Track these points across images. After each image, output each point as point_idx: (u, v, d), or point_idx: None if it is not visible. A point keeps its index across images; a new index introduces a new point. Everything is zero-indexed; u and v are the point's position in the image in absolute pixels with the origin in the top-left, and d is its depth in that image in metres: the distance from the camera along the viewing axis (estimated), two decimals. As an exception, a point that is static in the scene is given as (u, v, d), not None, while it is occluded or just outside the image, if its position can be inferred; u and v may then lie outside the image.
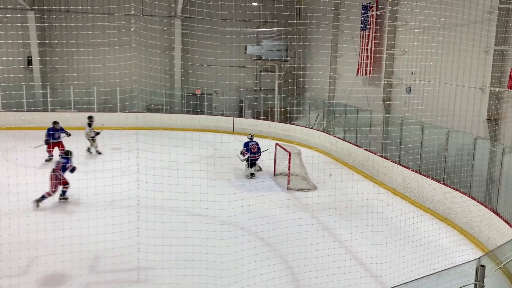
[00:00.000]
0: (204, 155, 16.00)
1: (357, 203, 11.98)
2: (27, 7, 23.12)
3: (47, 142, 15.37)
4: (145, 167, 7.25)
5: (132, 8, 21.81)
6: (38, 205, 10.91)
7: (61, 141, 15.54)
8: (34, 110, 22.46)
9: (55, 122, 15.68)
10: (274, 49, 23.36)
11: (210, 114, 24.77)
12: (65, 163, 11.26)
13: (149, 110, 23.65)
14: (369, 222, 9.98)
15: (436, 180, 11.61)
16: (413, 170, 12.51)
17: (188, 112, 23.63)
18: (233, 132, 22.48)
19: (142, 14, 23.75)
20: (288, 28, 25.85)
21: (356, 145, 16.15)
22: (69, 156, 11.48)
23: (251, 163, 14.30)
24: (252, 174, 14.33)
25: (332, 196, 12.30)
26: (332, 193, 12.58)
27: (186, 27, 24.76)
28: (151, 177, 7.76)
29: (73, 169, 11.40)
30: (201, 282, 6.73)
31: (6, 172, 11.14)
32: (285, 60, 23.77)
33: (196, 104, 24.13)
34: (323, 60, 22.55)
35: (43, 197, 10.95)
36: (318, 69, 23.61)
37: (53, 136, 15.40)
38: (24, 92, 22.57)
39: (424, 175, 12.02)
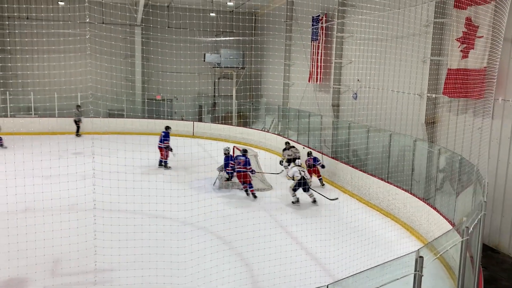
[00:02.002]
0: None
1: (309, 201, 12.06)
2: (-15, 13, 21.86)
3: (170, 148, 15.10)
4: (101, 171, 6.90)
5: (87, 17, 21.06)
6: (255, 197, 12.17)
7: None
8: (-6, 116, 21.27)
9: (168, 127, 15.49)
10: (231, 57, 23.30)
11: (171, 118, 24.30)
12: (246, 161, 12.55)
13: (110, 115, 22.88)
14: (321, 219, 10.03)
15: (380, 178, 11.84)
16: (360, 170, 12.71)
17: (149, 117, 23.08)
18: (193, 136, 22.15)
19: (103, 23, 23.00)
20: (246, 38, 25.88)
21: (309, 147, 16.28)
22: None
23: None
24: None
25: (287, 196, 12.33)
26: (286, 193, 12.60)
27: (147, 35, 24.25)
28: (109, 181, 7.41)
29: (252, 171, 12.58)
30: (158, 282, 6.47)
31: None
32: (242, 68, 23.77)
33: (157, 109, 23.63)
34: (277, 68, 22.69)
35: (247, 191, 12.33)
36: (273, 77, 23.72)
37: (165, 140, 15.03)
38: (-17, 98, 21.32)
39: (370, 174, 12.25)
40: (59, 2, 22.97)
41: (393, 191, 11.05)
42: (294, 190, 11.81)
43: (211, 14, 24.69)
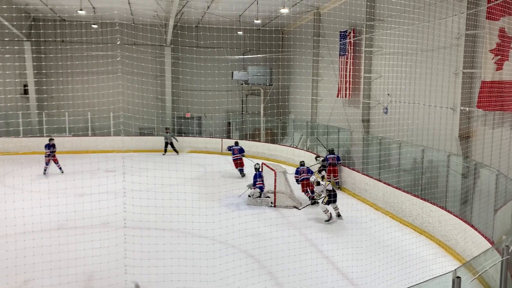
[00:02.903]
0: (195, 177, 15.79)
1: (341, 219, 11.86)
2: (24, 38, 23.03)
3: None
4: (132, 190, 7.02)
5: (118, 39, 21.88)
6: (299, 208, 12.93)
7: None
8: (31, 136, 22.16)
9: (237, 142, 17.74)
10: (259, 74, 23.53)
11: (200, 136, 24.67)
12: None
13: (141, 133, 23.45)
14: (354, 238, 9.81)
15: (414, 195, 11.52)
16: (392, 186, 12.44)
17: (179, 135, 23.55)
18: (221, 153, 22.32)
19: (135, 44, 23.78)
20: (273, 55, 26.11)
21: (339, 163, 16.07)
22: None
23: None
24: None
25: (317, 213, 12.17)
26: (316, 210, 12.44)
27: (176, 55, 24.88)
28: (139, 199, 7.52)
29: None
30: (188, 301, 6.47)
31: (4, 197, 10.80)
32: (270, 85, 23.93)
33: (186, 127, 24.11)
34: (305, 84, 22.69)
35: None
36: (300, 93, 23.73)
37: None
38: (21, 120, 22.31)
39: (403, 191, 11.94)
40: (93, 25, 23.96)
41: (428, 208, 10.72)
42: (328, 203, 11.84)
43: (239, 32, 25.08)
